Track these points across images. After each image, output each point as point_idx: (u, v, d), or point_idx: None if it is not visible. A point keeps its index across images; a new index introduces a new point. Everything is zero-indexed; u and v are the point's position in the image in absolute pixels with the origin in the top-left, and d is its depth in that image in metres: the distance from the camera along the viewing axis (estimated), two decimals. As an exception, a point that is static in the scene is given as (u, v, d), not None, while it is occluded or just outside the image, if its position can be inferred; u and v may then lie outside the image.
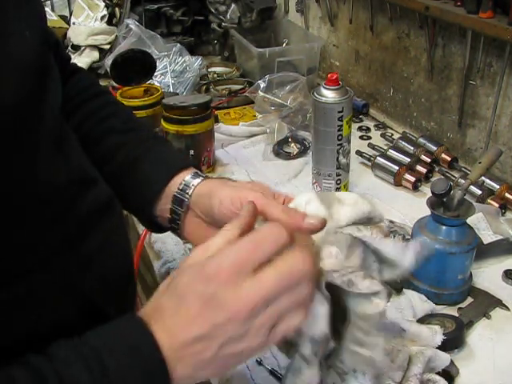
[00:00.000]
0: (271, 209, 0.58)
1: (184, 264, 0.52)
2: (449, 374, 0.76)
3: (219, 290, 0.48)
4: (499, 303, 0.90)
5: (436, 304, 0.88)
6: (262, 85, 1.52)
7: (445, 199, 0.88)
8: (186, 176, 0.69)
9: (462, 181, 1.14)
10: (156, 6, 1.94)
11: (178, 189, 0.68)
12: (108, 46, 1.84)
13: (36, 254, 0.54)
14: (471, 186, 1.07)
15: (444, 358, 0.75)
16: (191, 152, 1.25)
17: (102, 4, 1.90)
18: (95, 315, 0.58)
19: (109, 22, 1.89)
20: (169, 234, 1.07)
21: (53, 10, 2.11)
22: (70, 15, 1.98)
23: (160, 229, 0.74)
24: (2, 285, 0.50)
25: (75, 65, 0.86)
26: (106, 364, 0.46)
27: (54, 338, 0.50)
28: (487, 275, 0.96)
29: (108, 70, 1.52)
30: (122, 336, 0.49)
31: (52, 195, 0.56)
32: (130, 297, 0.70)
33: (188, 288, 0.50)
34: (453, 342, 0.79)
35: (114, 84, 1.52)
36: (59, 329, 0.53)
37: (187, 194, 0.67)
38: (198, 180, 0.68)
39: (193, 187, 0.67)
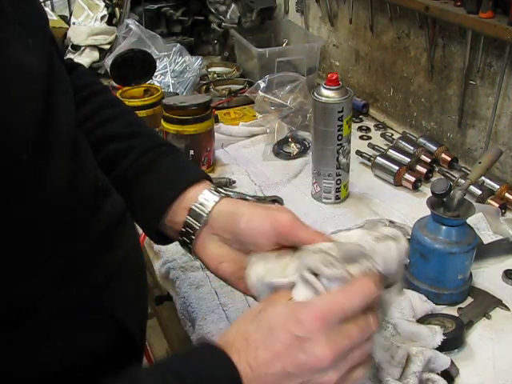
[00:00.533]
0: (302, 232, 0.59)
1: (273, 301, 0.55)
2: (449, 374, 0.75)
3: (309, 334, 0.50)
4: (499, 303, 0.90)
5: (436, 304, 0.88)
6: (262, 85, 1.52)
7: (445, 199, 0.87)
8: (204, 190, 0.66)
9: (462, 181, 1.14)
10: (156, 6, 1.94)
11: (197, 203, 0.65)
12: (108, 46, 1.85)
13: (54, 274, 0.51)
14: (471, 186, 1.07)
15: (444, 361, 0.75)
16: (191, 152, 1.25)
17: (102, 4, 1.90)
18: (117, 333, 0.58)
19: (109, 22, 1.89)
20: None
21: (53, 10, 2.11)
22: (70, 15, 1.98)
23: (166, 240, 0.70)
24: (26, 305, 0.49)
25: (71, 61, 0.81)
26: None
27: (77, 361, 0.51)
28: (487, 275, 0.96)
29: (108, 70, 1.52)
30: (205, 366, 0.51)
31: (68, 207, 0.52)
32: (145, 310, 0.69)
33: (279, 324, 0.51)
34: (453, 342, 0.79)
35: (114, 84, 1.52)
36: (81, 352, 0.54)
37: (206, 208, 0.64)
38: (217, 197, 0.65)
39: (214, 202, 0.64)
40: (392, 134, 1.43)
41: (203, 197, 0.65)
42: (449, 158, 1.28)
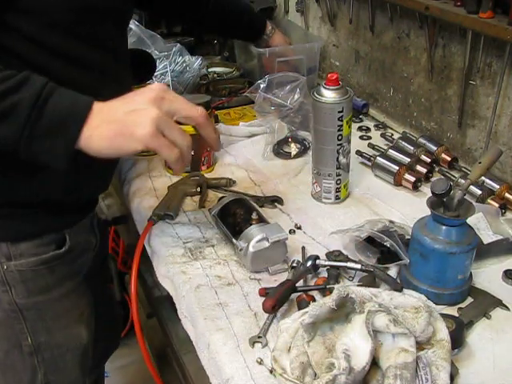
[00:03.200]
0: None
1: None
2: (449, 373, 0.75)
3: (147, 91, 0.80)
4: (499, 303, 0.90)
5: (436, 304, 0.88)
6: (262, 85, 1.52)
7: (445, 199, 0.87)
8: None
9: (462, 181, 1.14)
10: (156, 6, 1.93)
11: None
12: (108, 46, 1.84)
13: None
14: (471, 186, 1.08)
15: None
16: (191, 152, 1.24)
17: (102, 4, 1.90)
18: None
19: (109, 22, 1.89)
20: (169, 233, 1.07)
21: (53, 9, 2.11)
22: (70, 15, 1.98)
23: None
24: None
25: None
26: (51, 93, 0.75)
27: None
28: (487, 275, 0.96)
29: (108, 69, 1.51)
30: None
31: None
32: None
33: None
34: (453, 342, 0.79)
35: (114, 84, 1.52)
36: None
37: None
38: None
39: None
40: (392, 134, 1.43)
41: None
42: (449, 158, 1.28)
